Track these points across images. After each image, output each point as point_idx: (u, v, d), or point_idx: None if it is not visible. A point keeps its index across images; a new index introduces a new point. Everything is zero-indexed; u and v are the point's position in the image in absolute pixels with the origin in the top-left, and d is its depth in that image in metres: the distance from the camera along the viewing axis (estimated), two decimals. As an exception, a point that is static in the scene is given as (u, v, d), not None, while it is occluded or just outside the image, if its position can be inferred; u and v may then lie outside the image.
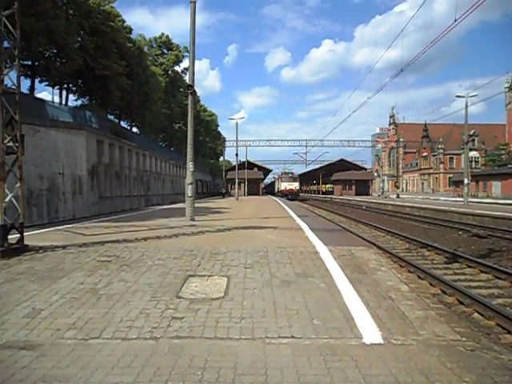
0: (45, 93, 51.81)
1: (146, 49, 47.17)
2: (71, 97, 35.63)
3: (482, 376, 3.01)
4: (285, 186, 56.73)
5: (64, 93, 33.76)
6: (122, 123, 42.21)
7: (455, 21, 11.83)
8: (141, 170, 31.12)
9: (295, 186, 57.35)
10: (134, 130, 45.49)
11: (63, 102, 32.28)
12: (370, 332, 3.77)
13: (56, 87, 32.82)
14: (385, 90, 71.30)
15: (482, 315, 5.54)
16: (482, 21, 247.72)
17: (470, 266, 8.96)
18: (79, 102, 36.04)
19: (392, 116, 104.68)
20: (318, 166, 79.39)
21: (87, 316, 4.15)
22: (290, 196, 52.73)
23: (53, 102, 28.08)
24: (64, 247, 7.54)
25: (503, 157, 67.88)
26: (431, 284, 7.22)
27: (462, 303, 6.15)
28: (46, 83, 31.22)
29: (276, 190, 67.14)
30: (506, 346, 4.03)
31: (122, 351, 3.40)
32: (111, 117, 39.11)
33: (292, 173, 62.69)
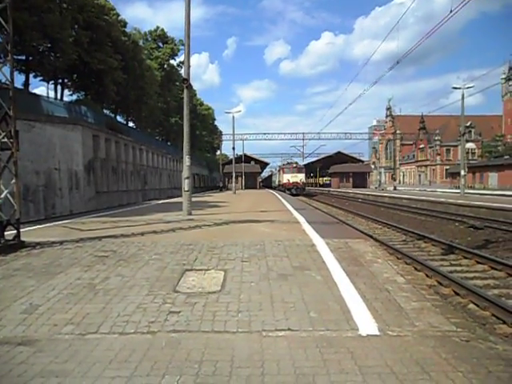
0: (42, 88, 51.47)
1: (141, 42, 46.83)
2: (66, 92, 35.38)
3: (477, 366, 3.04)
4: (288, 178, 47.84)
5: (59, 88, 33.54)
6: (118, 118, 41.99)
7: (451, 12, 11.80)
8: (137, 165, 31.04)
9: (300, 178, 48.14)
10: (130, 124, 45.35)
11: (58, 97, 32.07)
12: (367, 324, 3.80)
13: (51, 82, 32.57)
14: (383, 83, 71.14)
15: (478, 306, 5.58)
16: (482, 12, 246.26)
17: (466, 258, 9.00)
18: (74, 97, 35.83)
19: (389, 108, 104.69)
20: (315, 159, 79.49)
21: (84, 311, 4.16)
22: (294, 190, 45.39)
23: (48, 97, 27.89)
24: (61, 243, 7.54)
25: (499, 148, 68.17)
26: (427, 275, 7.24)
27: (457, 294, 6.19)
28: (41, 78, 30.97)
29: (277, 183, 59.74)
30: (500, 336, 4.07)
31: (120, 346, 3.42)
32: (107, 111, 38.88)
33: (296, 162, 53.92)
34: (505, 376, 2.91)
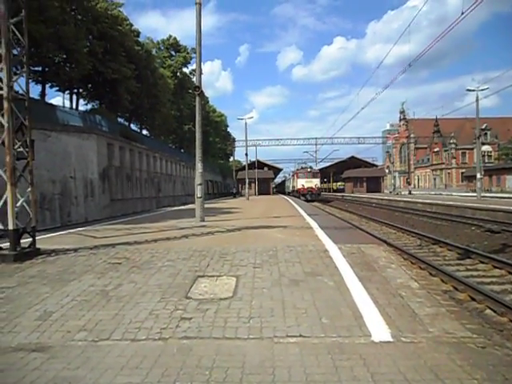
0: (58, 98, 52.52)
1: (154, 51, 47.47)
2: (81, 101, 36.02)
3: (493, 373, 2.96)
4: (302, 183, 46.64)
5: (74, 97, 34.16)
6: (132, 126, 42.56)
7: (462, 14, 11.68)
8: (151, 172, 31.28)
9: (315, 183, 46.98)
10: (144, 132, 45.83)
11: (74, 107, 32.64)
12: (379, 330, 3.74)
13: (66, 92, 33.22)
14: (397, 86, 70.64)
15: (495, 311, 5.46)
16: (495, 13, 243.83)
17: (482, 262, 8.84)
18: (89, 106, 36.53)
19: (402, 112, 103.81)
20: (328, 164, 79.19)
21: (97, 318, 4.20)
22: (308, 196, 44.38)
23: (63, 106, 28.42)
24: (75, 250, 7.63)
25: (517, 150, 66.88)
26: (443, 281, 7.13)
27: (474, 299, 6.07)
28: (57, 88, 31.62)
29: (291, 188, 59.13)
30: (518, 342, 3.96)
31: (131, 352, 3.43)
32: (121, 120, 39.45)
33: (311, 167, 52.03)
34: (522, 383, 2.84)
